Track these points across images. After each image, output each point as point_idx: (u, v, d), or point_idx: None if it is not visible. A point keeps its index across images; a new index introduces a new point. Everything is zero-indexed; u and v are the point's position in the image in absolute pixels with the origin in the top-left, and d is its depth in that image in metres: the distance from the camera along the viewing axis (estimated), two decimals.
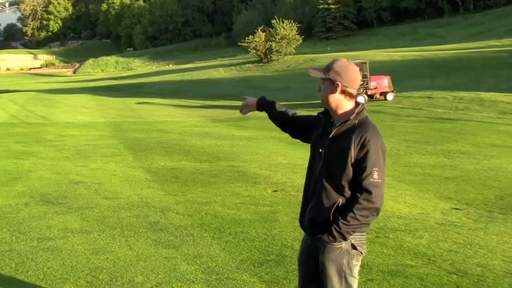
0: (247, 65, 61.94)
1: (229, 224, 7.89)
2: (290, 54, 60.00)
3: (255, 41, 58.34)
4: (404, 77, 39.67)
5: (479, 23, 66.12)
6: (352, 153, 3.53)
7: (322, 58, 51.38)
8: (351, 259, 3.61)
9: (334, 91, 3.69)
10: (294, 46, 59.67)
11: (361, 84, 30.87)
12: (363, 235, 3.65)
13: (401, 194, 10.16)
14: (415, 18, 76.92)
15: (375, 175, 3.47)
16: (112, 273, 5.90)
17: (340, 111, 3.71)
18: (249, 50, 60.07)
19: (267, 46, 58.50)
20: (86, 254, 6.53)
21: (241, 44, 60.60)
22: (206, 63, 73.70)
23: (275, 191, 10.30)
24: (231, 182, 11.19)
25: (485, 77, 36.01)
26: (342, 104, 3.70)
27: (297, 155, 14.35)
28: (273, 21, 59.33)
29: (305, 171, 3.89)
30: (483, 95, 29.39)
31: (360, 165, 3.51)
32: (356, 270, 3.66)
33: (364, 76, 31.32)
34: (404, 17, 78.53)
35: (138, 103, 39.82)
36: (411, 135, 19.24)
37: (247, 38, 58.95)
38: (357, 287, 3.71)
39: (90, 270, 5.97)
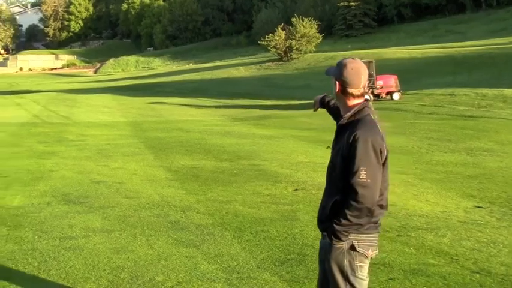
0: (267, 64, 61.83)
1: (250, 223, 7.87)
2: (310, 52, 59.81)
3: (275, 40, 58.23)
4: (425, 74, 39.37)
5: (502, 19, 65.28)
6: (344, 151, 3.55)
7: (342, 56, 51.18)
8: (352, 260, 3.60)
9: (337, 89, 3.74)
10: (314, 44, 59.45)
11: (368, 83, 30.72)
12: (369, 236, 3.62)
13: (423, 193, 10.06)
14: (436, 15, 76.23)
15: (362, 174, 3.44)
16: (133, 272, 5.91)
17: (344, 109, 3.75)
18: (269, 48, 59.95)
19: (287, 44, 58.35)
20: (107, 253, 6.55)
21: (261, 42, 60.50)
22: (226, 62, 73.75)
23: (296, 189, 10.26)
24: (251, 181, 11.17)
25: (508, 74, 35.54)
26: (345, 101, 3.73)
27: (317, 154, 14.30)
28: (293, 19, 59.13)
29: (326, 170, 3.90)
30: (506, 91, 29.01)
31: (349, 163, 3.50)
32: (362, 271, 3.63)
33: (370, 75, 31.11)
34: (425, 13, 77.90)
35: (152, 103, 39.94)
36: (433, 132, 19.06)
37: (267, 36, 58.85)
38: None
39: (111, 269, 5.99)
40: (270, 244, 6.88)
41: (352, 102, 3.69)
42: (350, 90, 3.67)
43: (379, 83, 31.59)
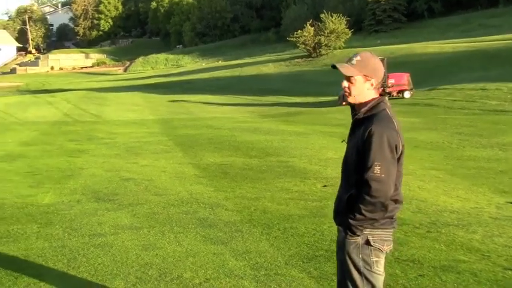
0: (296, 60, 61.65)
1: (278, 220, 7.85)
2: (339, 48, 59.42)
3: (304, 36, 58.01)
4: (457, 69, 38.87)
5: None
6: (360, 145, 3.54)
7: (373, 52, 50.74)
8: (367, 255, 3.60)
9: (369, 87, 3.70)
10: (343, 40, 59.10)
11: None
12: (384, 231, 3.61)
13: (454, 188, 9.93)
14: (467, 9, 75.13)
15: (376, 169, 3.44)
16: (161, 269, 5.94)
17: (360, 104, 3.71)
18: (298, 44, 59.77)
19: (316, 40, 58.10)
20: (135, 250, 6.59)
21: (290, 39, 60.35)
22: (255, 58, 73.62)
23: (325, 186, 10.21)
24: (280, 178, 11.15)
25: None
26: (363, 96, 3.69)
27: None
28: (322, 15, 58.84)
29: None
30: None
31: (363, 158, 3.50)
32: (377, 266, 3.63)
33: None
34: (456, 7, 76.82)
35: (180, 100, 40.09)
36: (464, 128, 18.81)
37: (295, 32, 58.68)
38: (381, 283, 3.68)
39: (139, 266, 6.02)
40: (298, 241, 6.85)
41: (370, 96, 3.67)
42: (376, 84, 3.67)
43: (390, 81, 31.16)
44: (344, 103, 5.21)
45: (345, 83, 3.69)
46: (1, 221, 8.10)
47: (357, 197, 3.51)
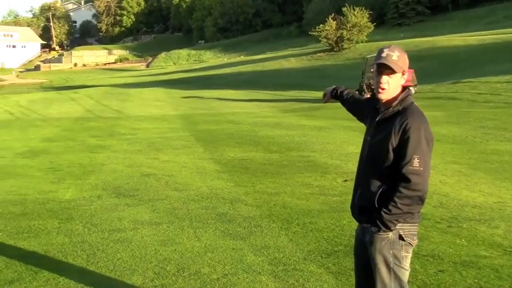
0: (318, 54, 61.39)
1: (298, 215, 7.82)
2: (362, 42, 59.06)
3: (326, 30, 57.74)
4: (481, 61, 38.40)
5: None
6: (393, 140, 3.50)
7: (396, 45, 50.27)
8: (398, 250, 3.57)
9: (403, 81, 3.70)
10: (365, 34, 58.71)
11: None
12: (413, 225, 3.59)
13: (477, 183, 9.81)
14: (492, 1, 74.25)
15: (415, 162, 3.42)
16: (179, 264, 5.93)
17: (388, 99, 3.67)
18: (320, 39, 59.54)
19: (338, 34, 57.79)
20: (154, 245, 6.60)
21: (312, 33, 60.07)
22: (277, 53, 73.46)
23: (345, 180, 10.15)
24: (300, 172, 11.12)
25: None
26: (395, 90, 3.66)
27: None
28: (344, 9, 58.54)
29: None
30: None
31: (400, 152, 3.47)
32: (406, 261, 3.61)
33: None
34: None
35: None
36: (488, 121, 18.57)
37: (317, 26, 58.44)
38: (407, 278, 3.65)
39: (158, 262, 6.03)
40: (317, 236, 6.81)
41: (398, 90, 3.65)
42: (404, 78, 3.68)
43: None
44: (326, 100, 5.12)
45: (385, 79, 3.62)
46: (23, 216, 8.17)
47: (390, 191, 3.48)
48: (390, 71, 3.59)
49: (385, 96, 3.64)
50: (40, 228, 7.49)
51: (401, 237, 3.53)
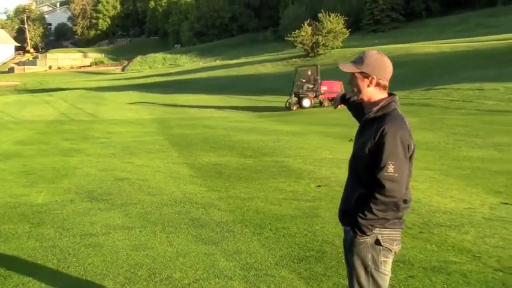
0: (293, 60, 61.52)
1: (271, 220, 7.83)
2: (337, 48, 59.38)
3: (302, 35, 57.91)
4: (454, 68, 38.86)
5: None
6: (370, 145, 3.51)
7: None
8: (376, 255, 3.56)
9: (369, 85, 3.67)
10: (340, 40, 59.03)
11: (312, 88, 30.34)
12: (394, 230, 3.59)
13: (448, 189, 9.91)
14: (465, 9, 75.08)
15: (390, 168, 3.41)
16: (151, 269, 5.91)
17: (369, 103, 3.71)
18: (296, 44, 59.71)
19: (314, 40, 58.02)
20: (126, 250, 6.57)
21: (287, 38, 60.28)
22: (253, 58, 73.51)
23: (319, 186, 10.19)
24: (274, 178, 11.13)
25: None
26: (374, 96, 3.69)
27: (342, 150, 14.16)
28: (320, 15, 58.82)
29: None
30: None
31: (376, 158, 3.47)
32: (385, 266, 3.60)
33: (315, 80, 30.71)
34: (454, 7, 76.76)
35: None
36: (460, 128, 18.77)
37: (293, 32, 58.63)
38: (387, 284, 3.65)
39: (129, 266, 6.00)
40: (289, 241, 6.83)
41: (379, 96, 3.67)
42: (383, 82, 3.66)
43: (323, 88, 30.80)
44: (337, 105, 5.21)
45: (351, 80, 3.74)
46: None
47: (367, 196, 3.48)
48: (345, 71, 3.73)
49: (357, 96, 3.74)
50: (10, 232, 7.41)
51: (378, 242, 3.53)
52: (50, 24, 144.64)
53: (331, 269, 5.79)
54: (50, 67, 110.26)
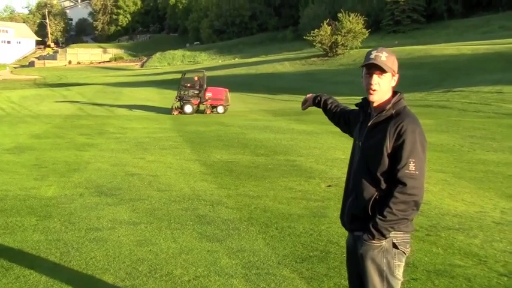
0: (312, 59, 61.34)
1: (277, 219, 7.79)
2: (356, 48, 59.06)
3: (321, 35, 57.67)
4: (474, 71, 38.48)
5: None
6: (388, 144, 3.41)
7: None
8: (392, 258, 3.46)
9: (394, 84, 3.61)
10: (360, 40, 58.66)
11: (197, 94, 30.09)
12: (406, 234, 3.49)
13: (460, 192, 9.79)
14: (488, 11, 74.44)
15: (411, 166, 3.32)
16: (152, 265, 5.90)
17: (380, 102, 3.60)
18: (315, 43, 59.50)
19: (333, 40, 57.77)
20: (130, 245, 6.56)
21: (306, 37, 60.07)
22: (271, 57, 73.43)
23: (329, 186, 10.13)
24: (285, 176, 11.08)
25: None
26: (388, 94, 3.60)
27: None
28: (339, 15, 58.55)
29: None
30: None
31: (396, 156, 3.38)
32: (399, 270, 3.50)
33: (200, 86, 30.45)
34: (476, 9, 76.14)
35: None
36: (477, 131, 18.58)
37: (312, 31, 58.42)
38: None
39: (131, 262, 5.99)
40: (294, 240, 6.78)
41: (389, 94, 3.59)
42: (394, 80, 3.59)
43: (208, 94, 30.47)
44: (306, 107, 5.08)
45: (375, 80, 3.54)
46: (1, 212, 8.14)
47: (385, 197, 3.39)
48: (380, 71, 3.51)
49: (376, 97, 3.56)
50: (17, 225, 7.45)
51: (395, 246, 3.43)
52: (71, 20, 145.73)
53: (334, 269, 5.73)
54: (69, 62, 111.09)
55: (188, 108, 29.21)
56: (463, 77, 35.97)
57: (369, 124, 3.58)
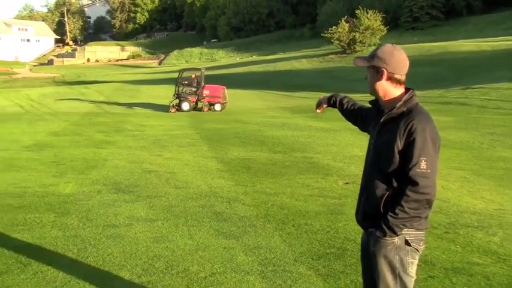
0: (330, 56, 61.09)
1: (294, 216, 7.77)
2: (374, 45, 58.53)
3: (339, 32, 57.43)
4: (494, 67, 38.06)
5: None
6: (399, 142, 3.37)
7: (408, 49, 50.06)
8: (404, 256, 3.43)
9: (380, 78, 3.55)
10: (378, 37, 58.33)
11: (195, 91, 29.80)
12: (419, 231, 3.45)
13: (479, 189, 9.69)
14: (508, 7, 73.67)
15: (422, 165, 3.28)
16: (169, 261, 5.91)
17: (387, 99, 3.57)
18: (332, 41, 59.26)
19: (351, 37, 57.54)
20: (146, 242, 6.58)
21: (324, 35, 59.84)
22: (289, 54, 73.30)
23: (346, 183, 10.09)
24: (302, 174, 11.05)
25: None
26: (389, 91, 3.56)
27: None
28: (357, 12, 58.31)
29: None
30: None
31: (407, 155, 3.34)
32: (412, 268, 3.48)
33: (198, 83, 30.16)
34: (496, 5, 75.38)
35: None
36: (497, 128, 18.39)
37: (330, 28, 58.21)
38: (412, 286, 3.52)
39: (148, 258, 6.00)
40: (311, 237, 6.76)
41: (399, 89, 3.54)
42: (397, 76, 3.52)
43: (205, 92, 30.22)
44: (321, 110, 5.05)
45: (367, 72, 3.63)
46: (20, 209, 8.20)
47: (397, 195, 3.37)
48: (364, 64, 3.60)
49: (370, 91, 3.61)
50: (35, 221, 7.50)
51: (407, 243, 3.41)
52: (89, 18, 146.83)
53: (351, 266, 5.70)
54: (88, 60, 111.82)
55: (185, 106, 29.14)
56: (482, 73, 35.60)
57: (381, 121, 3.56)
